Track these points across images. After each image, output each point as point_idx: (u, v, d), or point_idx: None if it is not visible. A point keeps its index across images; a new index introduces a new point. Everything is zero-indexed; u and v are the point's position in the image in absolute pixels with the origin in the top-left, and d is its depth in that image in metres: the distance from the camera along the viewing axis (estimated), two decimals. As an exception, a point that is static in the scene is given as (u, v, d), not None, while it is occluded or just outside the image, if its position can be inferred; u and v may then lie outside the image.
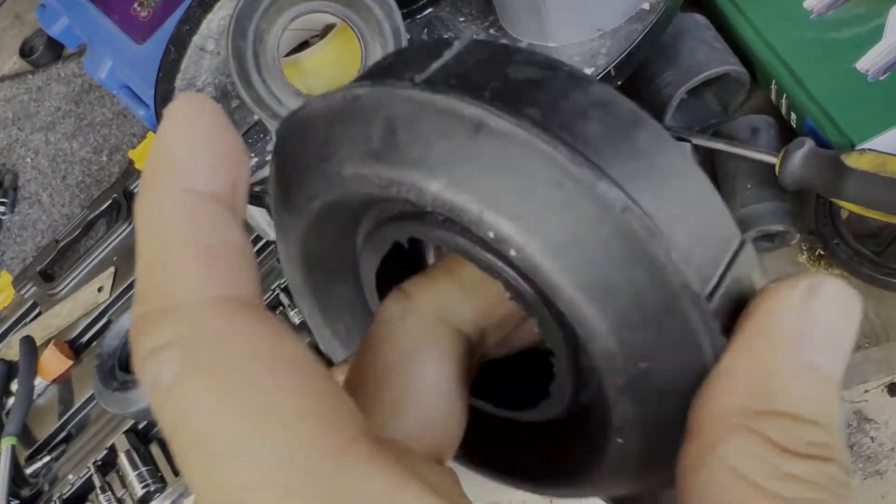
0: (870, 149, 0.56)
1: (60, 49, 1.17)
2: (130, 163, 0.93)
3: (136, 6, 0.90)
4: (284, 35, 0.59)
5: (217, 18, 0.79)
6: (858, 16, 0.63)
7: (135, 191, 0.92)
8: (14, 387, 0.83)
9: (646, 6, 0.59)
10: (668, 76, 0.67)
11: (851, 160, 0.55)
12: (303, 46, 0.69)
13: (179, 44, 0.77)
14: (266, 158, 0.64)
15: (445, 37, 0.66)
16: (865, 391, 0.60)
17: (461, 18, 0.67)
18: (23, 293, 0.93)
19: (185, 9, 0.78)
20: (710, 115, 0.71)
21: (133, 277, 0.84)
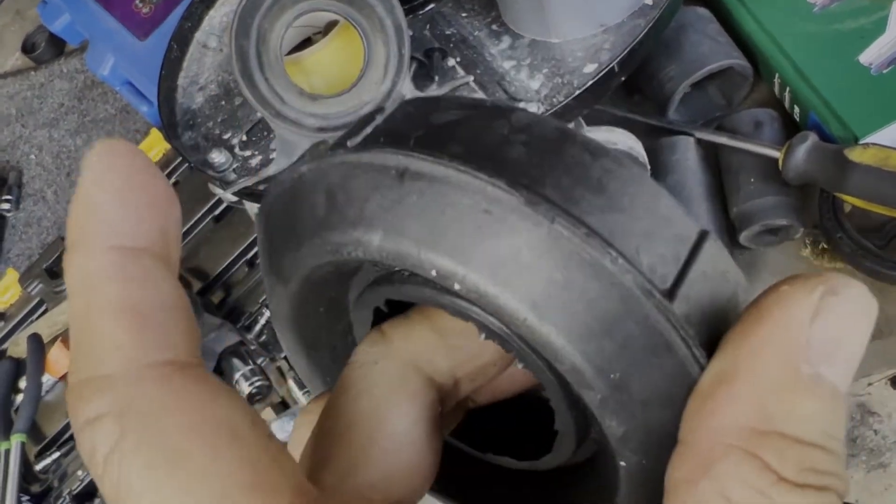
0: (873, 143, 0.56)
1: (62, 45, 1.16)
2: (134, 159, 0.94)
3: (138, 2, 0.90)
4: (287, 33, 0.59)
5: (219, 15, 0.79)
6: (862, 8, 0.63)
7: (139, 187, 0.92)
8: (22, 384, 0.84)
9: (649, 1, 0.59)
10: (671, 70, 0.67)
11: (855, 154, 0.55)
12: (305, 44, 0.69)
13: (181, 41, 0.77)
14: (270, 156, 0.64)
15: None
16: (869, 384, 0.61)
17: (463, 14, 0.67)
18: (29, 290, 0.93)
19: (187, 5, 0.78)
20: (714, 109, 0.70)
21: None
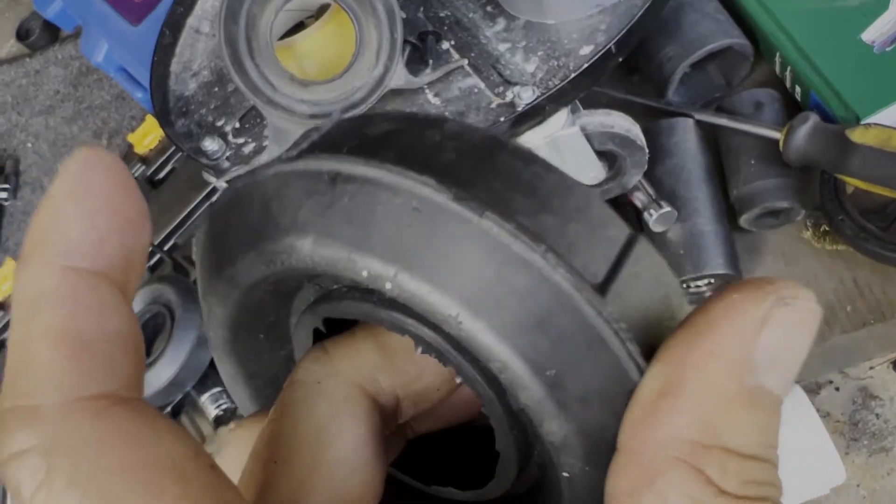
0: (875, 123, 0.55)
1: (57, 32, 1.15)
2: (130, 147, 0.93)
3: (130, -13, 0.89)
4: (278, 18, 0.58)
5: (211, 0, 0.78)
6: (865, -16, 0.61)
7: (135, 175, 0.91)
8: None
9: (646, -20, 0.58)
10: (670, 51, 0.66)
11: (856, 135, 0.54)
12: (299, 28, 0.68)
13: (174, 26, 0.76)
14: (263, 144, 0.64)
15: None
16: (871, 368, 0.60)
17: (458, -4, 0.66)
18: (28, 279, 0.93)
19: (179, -10, 0.77)
20: (714, 90, 0.69)
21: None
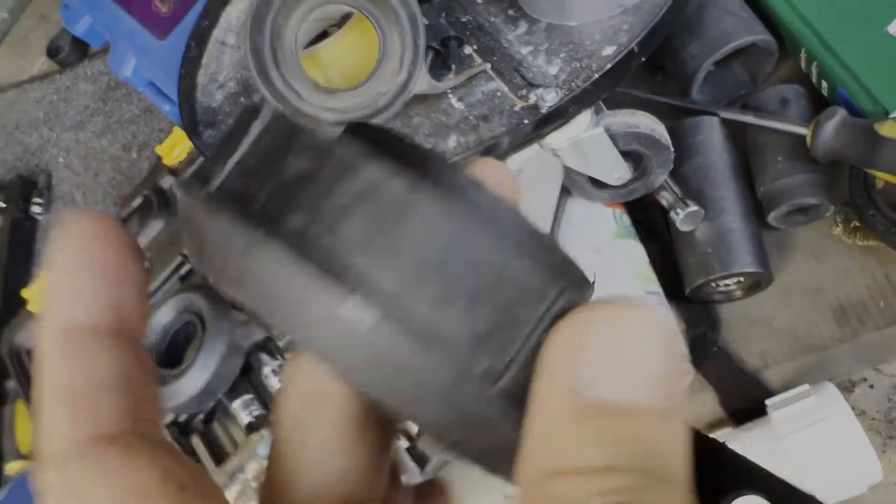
0: (905, 116, 0.54)
1: (86, 48, 1.18)
2: (159, 159, 0.94)
3: (157, 2, 0.91)
4: (302, 28, 0.59)
5: (236, 11, 0.79)
6: (890, -24, 0.61)
7: (164, 186, 0.93)
8: (58, 383, 0.85)
9: (667, -21, 0.58)
10: (693, 49, 0.65)
11: (885, 129, 0.54)
12: (322, 37, 0.68)
13: (199, 39, 0.77)
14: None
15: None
16: (906, 364, 0.59)
17: (479, 0, 0.66)
18: (62, 291, 0.95)
19: (205, 3, 0.78)
20: (739, 87, 0.69)
21: (167, 271, 0.85)
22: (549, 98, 0.56)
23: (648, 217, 0.68)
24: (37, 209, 1.08)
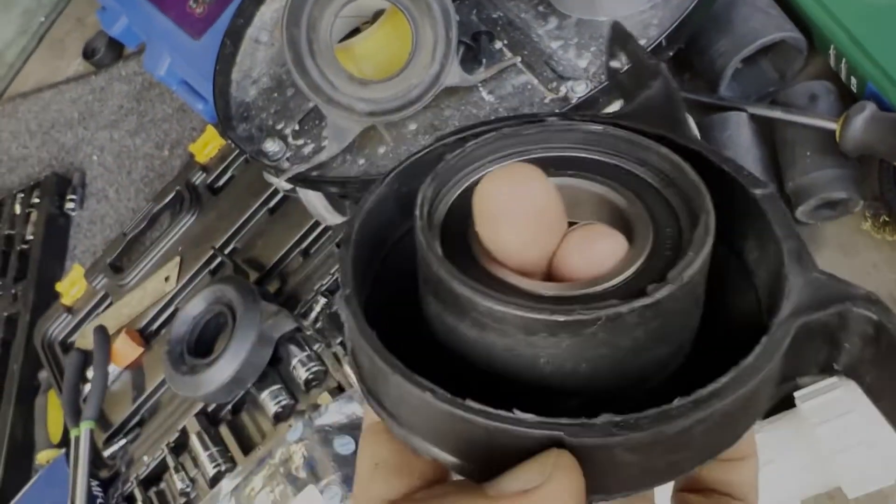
0: (935, 109, 0.55)
1: (121, 49, 1.20)
2: (191, 156, 0.96)
3: (192, 3, 0.93)
4: (336, 23, 0.61)
5: (270, 11, 0.81)
6: (920, -27, 0.61)
7: (196, 183, 0.94)
8: (90, 374, 0.87)
9: (697, -25, 0.58)
10: (722, 45, 0.66)
11: (916, 122, 0.54)
12: (355, 34, 0.70)
13: (234, 36, 0.79)
14: (321, 144, 0.66)
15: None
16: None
17: (509, -3, 0.67)
18: (94, 285, 0.96)
19: (239, 3, 0.80)
20: (767, 84, 0.69)
21: (199, 264, 0.86)
22: (580, 90, 0.57)
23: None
24: (70, 206, 1.11)
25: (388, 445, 0.20)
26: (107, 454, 0.83)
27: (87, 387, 0.86)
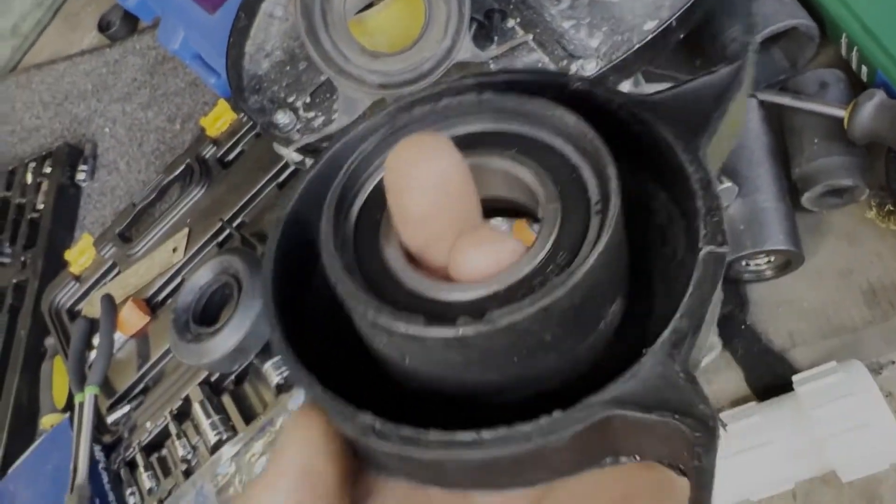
0: (944, 98, 0.55)
1: (136, 23, 1.21)
2: (202, 130, 0.97)
3: (208, -23, 0.93)
4: (350, -5, 0.61)
5: (285, -15, 0.81)
6: (935, -36, 0.61)
7: (206, 156, 0.95)
8: (96, 341, 0.88)
9: (711, -42, 0.58)
10: (734, 32, 0.66)
11: (924, 110, 0.54)
12: (368, 8, 0.70)
13: (249, 10, 0.79)
14: (332, 117, 0.66)
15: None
16: (936, 349, 0.59)
17: (523, -23, 0.67)
18: (103, 254, 0.97)
19: (255, -23, 0.80)
20: (778, 72, 0.69)
21: (207, 236, 0.87)
22: (590, 68, 0.57)
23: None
24: (81, 176, 1.12)
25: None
26: (110, 420, 0.84)
27: (93, 354, 0.87)
